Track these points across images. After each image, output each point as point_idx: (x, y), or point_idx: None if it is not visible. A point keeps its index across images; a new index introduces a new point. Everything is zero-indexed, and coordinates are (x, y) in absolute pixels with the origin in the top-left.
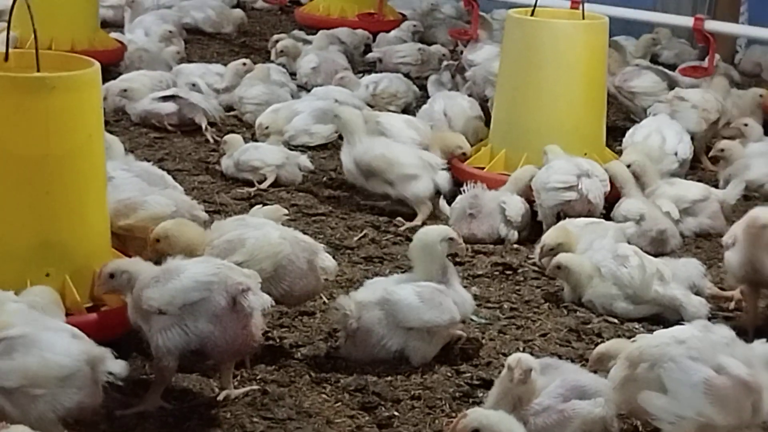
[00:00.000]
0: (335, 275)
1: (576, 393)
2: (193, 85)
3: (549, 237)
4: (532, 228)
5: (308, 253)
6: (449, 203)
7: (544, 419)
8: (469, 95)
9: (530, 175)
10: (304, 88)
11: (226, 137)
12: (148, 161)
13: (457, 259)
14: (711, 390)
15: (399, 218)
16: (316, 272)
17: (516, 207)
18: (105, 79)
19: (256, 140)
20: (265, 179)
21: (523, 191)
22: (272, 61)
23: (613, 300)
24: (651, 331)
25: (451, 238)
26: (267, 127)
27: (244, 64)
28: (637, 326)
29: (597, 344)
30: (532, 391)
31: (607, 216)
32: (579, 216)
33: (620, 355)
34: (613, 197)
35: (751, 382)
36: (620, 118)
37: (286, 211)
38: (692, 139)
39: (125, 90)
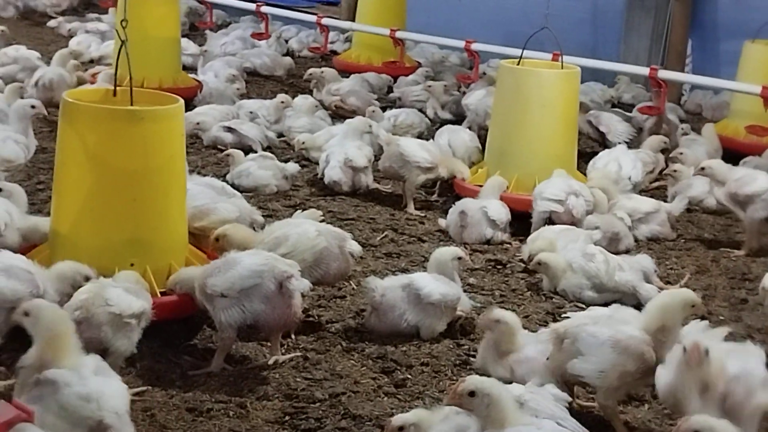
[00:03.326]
0: (362, 267)
1: None
2: (251, 112)
3: (535, 245)
4: (514, 231)
5: (339, 240)
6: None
7: None
8: (469, 128)
9: (499, 183)
10: (341, 117)
11: (231, 151)
12: (216, 176)
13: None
14: (616, 344)
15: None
16: (346, 255)
17: (497, 210)
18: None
19: (305, 157)
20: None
21: (496, 196)
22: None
23: (582, 289)
24: None
25: (460, 258)
26: (303, 142)
27: (282, 102)
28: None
29: None
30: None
31: None
32: (564, 224)
33: (549, 334)
34: None
35: (644, 337)
36: (588, 146)
37: (321, 213)
38: None
39: (198, 123)
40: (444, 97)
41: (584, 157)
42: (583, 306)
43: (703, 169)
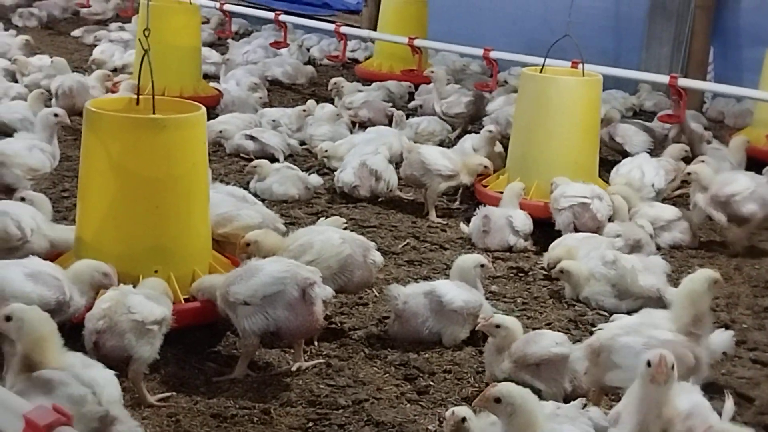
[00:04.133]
0: (384, 275)
1: None
2: (273, 120)
3: (555, 253)
4: (536, 239)
5: (362, 249)
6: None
7: None
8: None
9: (518, 189)
10: (362, 125)
11: (258, 162)
12: (239, 184)
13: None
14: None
15: None
16: (369, 264)
17: (521, 219)
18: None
19: (323, 164)
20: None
21: (516, 203)
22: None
23: (604, 297)
24: None
25: (482, 265)
26: (326, 150)
27: (304, 110)
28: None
29: (591, 333)
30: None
31: None
32: (588, 230)
33: (584, 350)
34: None
35: (678, 339)
36: (610, 153)
37: (345, 221)
38: None
39: (221, 131)
40: (446, 88)
41: (605, 165)
42: (606, 314)
43: (689, 174)
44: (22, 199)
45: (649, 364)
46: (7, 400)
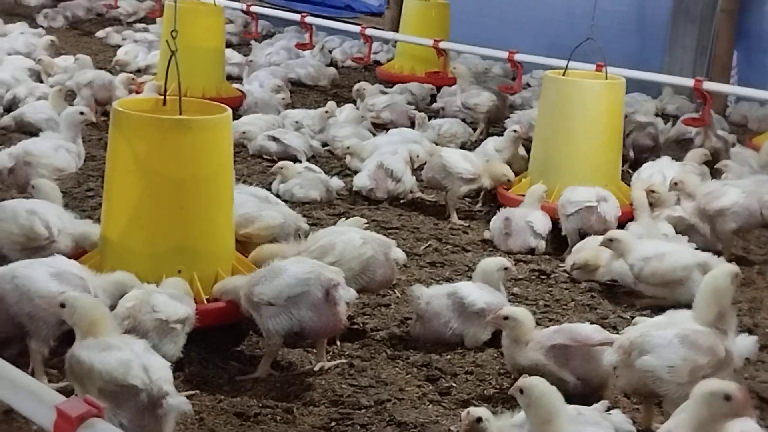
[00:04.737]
0: (406, 276)
1: None
2: (296, 122)
3: (580, 256)
4: (558, 241)
5: (384, 248)
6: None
7: None
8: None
9: (539, 192)
10: (384, 127)
11: (283, 163)
12: (262, 185)
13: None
14: (684, 339)
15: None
16: (391, 262)
17: (541, 221)
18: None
19: (345, 166)
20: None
21: (537, 205)
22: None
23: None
24: None
25: (506, 268)
26: (348, 147)
27: (326, 112)
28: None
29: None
30: None
31: None
32: (596, 233)
33: (616, 351)
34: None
35: (710, 330)
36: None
37: (365, 221)
38: None
39: (244, 132)
40: (470, 84)
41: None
42: (628, 317)
43: (675, 184)
44: (32, 187)
45: (727, 398)
46: (40, 392)
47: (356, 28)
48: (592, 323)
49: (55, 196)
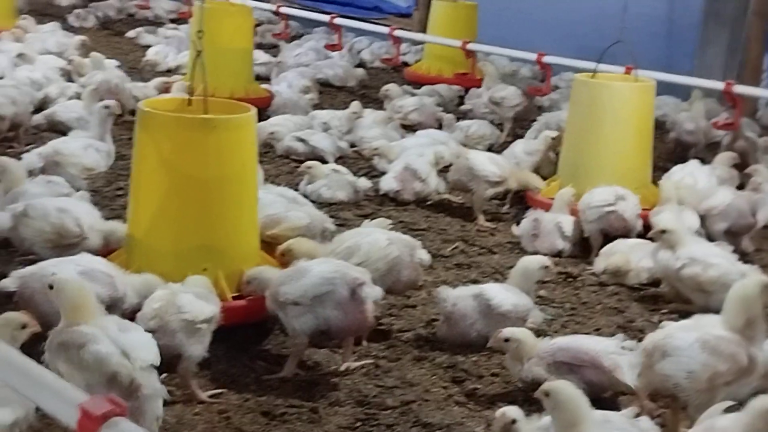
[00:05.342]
0: (433, 277)
1: None
2: (324, 123)
3: (610, 260)
4: (584, 243)
5: (409, 248)
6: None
7: None
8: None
9: (567, 196)
10: (412, 129)
11: (311, 163)
12: (290, 186)
13: None
14: (705, 344)
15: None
16: (416, 263)
17: (570, 225)
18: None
19: (372, 167)
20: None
21: (566, 209)
22: (384, 109)
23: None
24: None
25: (547, 266)
26: (376, 149)
27: (354, 112)
28: None
29: (640, 339)
30: None
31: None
32: (617, 232)
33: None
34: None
35: (733, 337)
36: (662, 160)
37: (390, 221)
38: None
39: (272, 133)
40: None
41: (656, 172)
42: (654, 321)
43: (663, 232)
44: None
45: None
46: (63, 390)
47: (385, 29)
48: (618, 326)
49: (19, 174)
